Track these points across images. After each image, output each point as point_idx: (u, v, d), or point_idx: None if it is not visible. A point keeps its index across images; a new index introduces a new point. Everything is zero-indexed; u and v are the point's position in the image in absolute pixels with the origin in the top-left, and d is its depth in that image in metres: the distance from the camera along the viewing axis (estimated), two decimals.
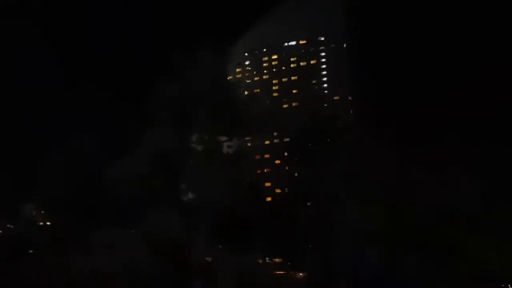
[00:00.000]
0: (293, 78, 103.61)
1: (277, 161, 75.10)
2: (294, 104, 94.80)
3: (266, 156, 79.84)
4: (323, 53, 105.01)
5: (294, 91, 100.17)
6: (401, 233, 42.46)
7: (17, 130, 57.29)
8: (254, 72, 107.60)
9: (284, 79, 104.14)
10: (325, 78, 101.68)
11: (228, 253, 43.35)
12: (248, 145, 62.91)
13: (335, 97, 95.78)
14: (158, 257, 39.57)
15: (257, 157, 73.07)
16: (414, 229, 42.39)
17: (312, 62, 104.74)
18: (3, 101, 58.97)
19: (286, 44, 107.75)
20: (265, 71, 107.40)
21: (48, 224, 50.57)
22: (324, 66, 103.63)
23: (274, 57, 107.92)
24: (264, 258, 49.38)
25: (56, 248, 43.12)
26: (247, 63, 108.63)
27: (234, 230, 46.16)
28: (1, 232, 48.53)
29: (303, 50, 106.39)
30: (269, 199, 61.74)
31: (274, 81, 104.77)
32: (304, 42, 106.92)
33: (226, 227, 45.46)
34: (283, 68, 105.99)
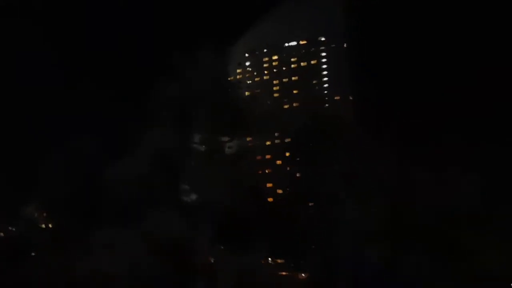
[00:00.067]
0: (294, 79, 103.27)
1: (278, 162, 75.07)
2: (295, 105, 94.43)
3: (267, 157, 79.68)
4: (324, 53, 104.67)
5: (295, 92, 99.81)
6: (401, 233, 42.46)
7: (17, 130, 57.15)
8: (255, 73, 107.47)
9: (285, 80, 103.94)
10: (326, 78, 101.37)
11: (229, 254, 43.37)
12: (249, 146, 62.76)
13: (336, 97, 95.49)
14: (159, 258, 39.56)
15: (258, 158, 72.86)
16: (414, 229, 42.39)
17: (313, 62, 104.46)
18: (3, 101, 58.90)
19: (287, 45, 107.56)
20: (266, 72, 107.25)
21: (49, 225, 50.61)
22: (325, 66, 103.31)
23: (275, 58, 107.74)
24: (266, 258, 49.36)
25: (57, 248, 43.18)
26: (248, 64, 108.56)
27: (235, 231, 46.16)
28: (3, 235, 48.72)
29: (304, 50, 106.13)
30: (270, 200, 61.67)
31: (275, 82, 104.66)
32: (305, 42, 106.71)
33: (227, 227, 45.47)
34: (284, 69, 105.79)
